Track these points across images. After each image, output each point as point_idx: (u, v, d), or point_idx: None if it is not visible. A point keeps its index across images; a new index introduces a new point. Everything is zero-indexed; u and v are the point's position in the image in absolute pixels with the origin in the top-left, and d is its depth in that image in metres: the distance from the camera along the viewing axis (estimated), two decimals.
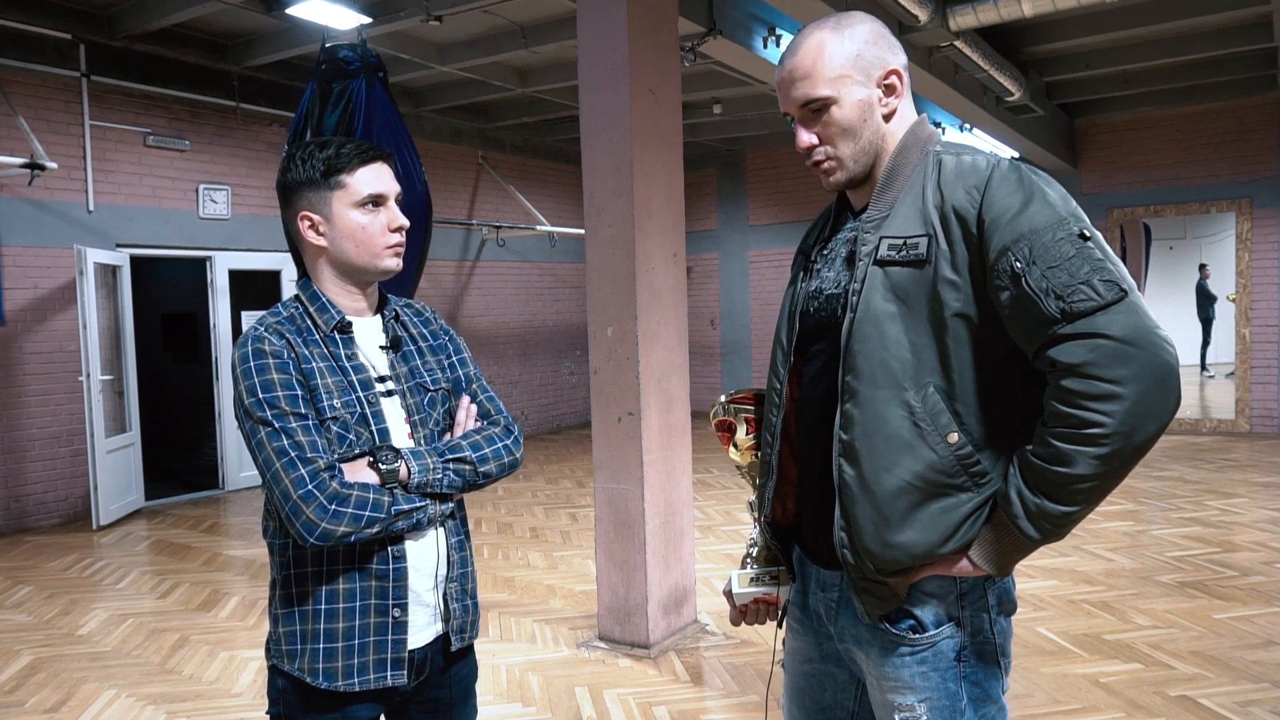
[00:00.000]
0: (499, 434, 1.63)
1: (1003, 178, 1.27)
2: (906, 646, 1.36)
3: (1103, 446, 1.17)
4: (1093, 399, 1.17)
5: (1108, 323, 1.17)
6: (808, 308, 1.47)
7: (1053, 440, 1.21)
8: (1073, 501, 1.22)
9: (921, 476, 1.29)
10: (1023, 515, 1.25)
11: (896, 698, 1.38)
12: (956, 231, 1.28)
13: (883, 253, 1.33)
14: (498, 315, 10.24)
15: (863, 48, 1.37)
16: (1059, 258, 1.20)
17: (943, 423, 1.28)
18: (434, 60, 7.24)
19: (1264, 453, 8.26)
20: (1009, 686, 1.45)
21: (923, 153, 1.39)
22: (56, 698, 3.54)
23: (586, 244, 3.94)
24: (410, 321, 1.69)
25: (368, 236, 1.55)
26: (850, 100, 1.36)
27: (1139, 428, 1.17)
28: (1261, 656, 3.62)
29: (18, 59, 6.32)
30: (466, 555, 1.65)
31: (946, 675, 1.36)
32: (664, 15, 3.97)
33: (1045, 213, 1.24)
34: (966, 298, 1.28)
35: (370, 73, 4.33)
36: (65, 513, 6.69)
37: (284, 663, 1.54)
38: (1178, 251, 14.22)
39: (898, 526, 1.29)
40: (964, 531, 1.30)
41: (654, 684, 3.53)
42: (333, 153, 1.54)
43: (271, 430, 1.44)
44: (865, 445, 1.31)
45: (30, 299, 6.51)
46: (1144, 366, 1.16)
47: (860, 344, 1.32)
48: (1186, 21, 6.67)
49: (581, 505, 6.87)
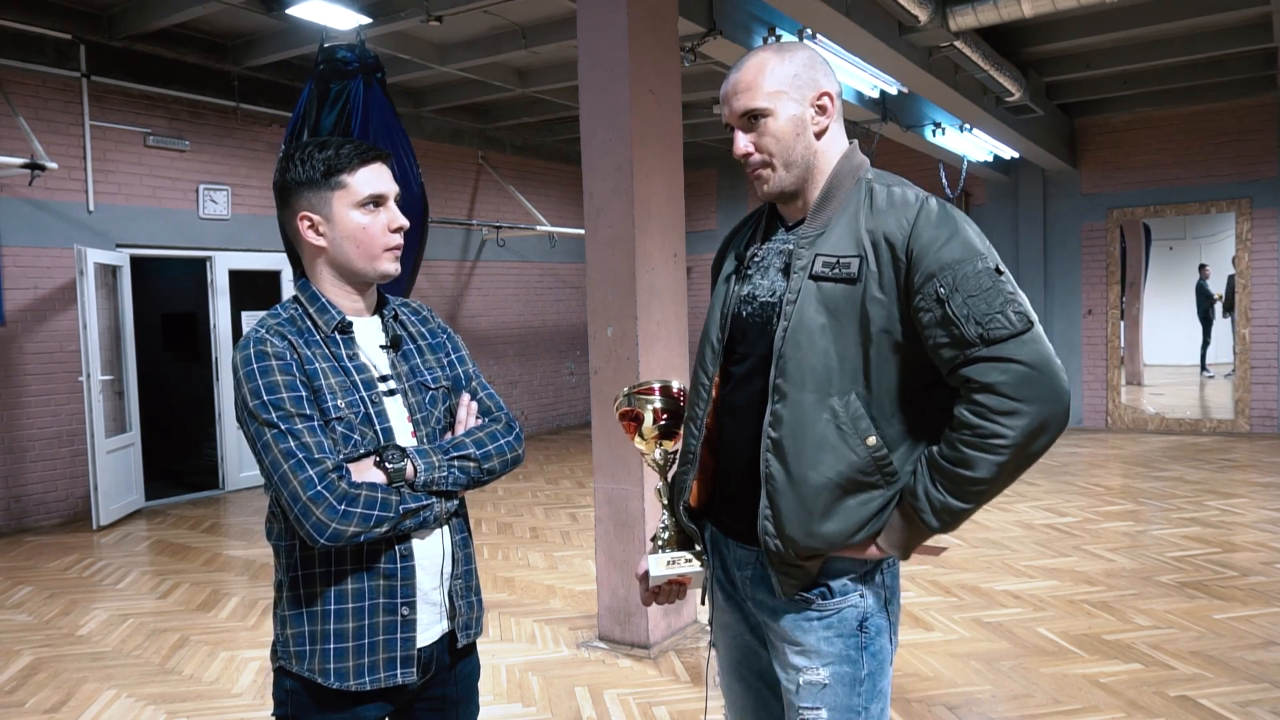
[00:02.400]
0: (501, 430, 1.64)
1: (929, 212, 1.42)
2: (814, 610, 1.51)
3: (1001, 455, 1.35)
4: (999, 414, 1.34)
5: (1019, 349, 1.35)
6: (740, 310, 1.59)
7: (961, 446, 1.37)
8: (970, 499, 1.40)
9: (843, 475, 1.43)
10: (928, 509, 1.41)
11: (804, 662, 1.51)
12: (886, 255, 1.42)
13: (817, 268, 1.46)
14: (498, 315, 10.24)
15: (800, 70, 1.51)
16: (978, 288, 1.37)
17: (862, 427, 1.43)
18: (434, 60, 7.24)
19: (1264, 453, 8.26)
20: (898, 643, 1.62)
21: (855, 179, 1.52)
22: (56, 698, 3.54)
23: (586, 244, 3.94)
24: (409, 320, 1.69)
25: (368, 237, 1.55)
26: (785, 114, 1.50)
27: (1033, 440, 1.35)
28: (1261, 656, 3.62)
29: (18, 59, 6.32)
30: (470, 552, 1.66)
31: (849, 643, 1.50)
32: (664, 15, 3.97)
33: (966, 247, 1.40)
34: (890, 316, 1.42)
35: (368, 73, 4.33)
36: (65, 513, 6.69)
37: (292, 664, 1.54)
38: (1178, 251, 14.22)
39: (820, 518, 1.44)
40: (874, 523, 1.46)
41: (654, 684, 3.53)
42: (333, 153, 1.54)
43: (278, 432, 1.43)
44: (793, 444, 1.44)
45: (30, 299, 6.51)
46: (1046, 389, 1.34)
47: (792, 350, 1.45)
48: (1186, 21, 6.67)
49: (581, 505, 6.87)
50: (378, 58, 4.46)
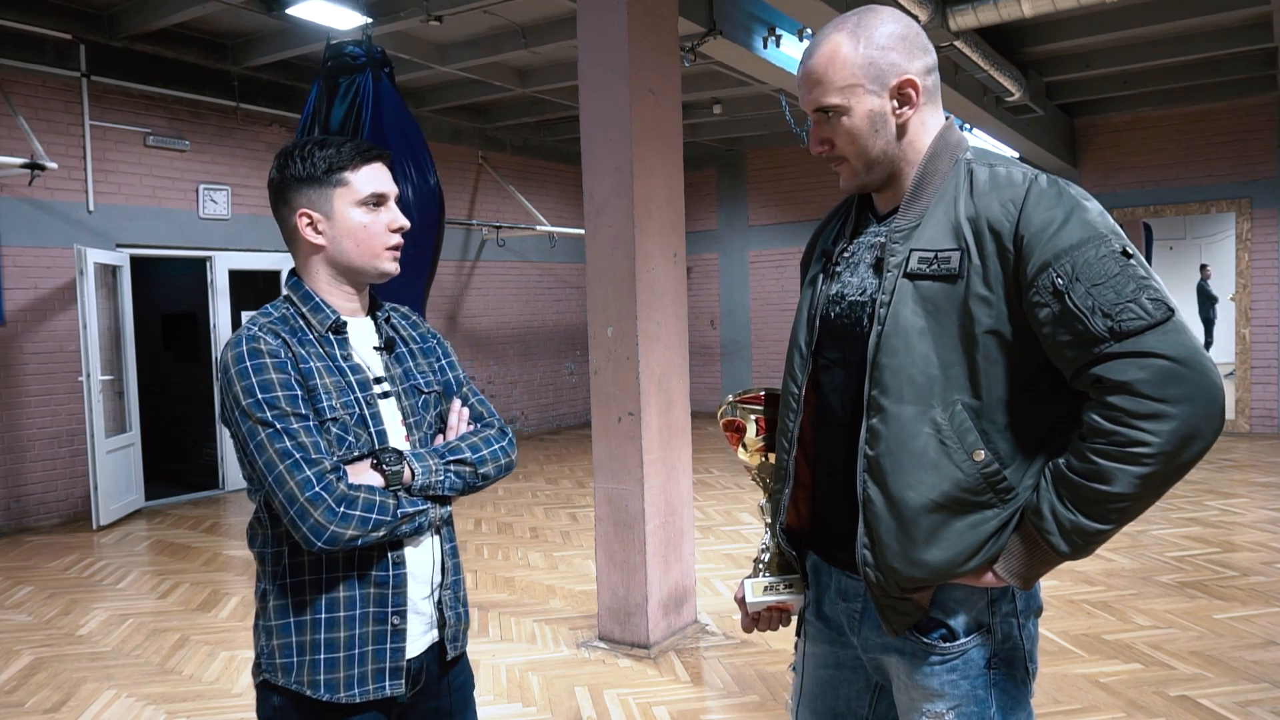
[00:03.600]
0: (494, 436, 1.63)
1: (1041, 192, 1.25)
2: (937, 655, 1.34)
3: (1146, 466, 1.16)
4: (1141, 418, 1.15)
5: (1159, 342, 1.15)
6: (829, 312, 1.43)
7: (1094, 457, 1.18)
8: (1108, 519, 1.20)
9: (947, 495, 1.27)
10: (1055, 531, 1.23)
11: (926, 705, 1.36)
12: (990, 246, 1.25)
13: (912, 265, 1.30)
14: (498, 315, 10.24)
15: (877, 54, 1.32)
16: (1103, 275, 1.18)
17: (969, 441, 1.26)
18: (434, 60, 7.24)
19: (1264, 453, 8.26)
20: (1035, 691, 1.43)
21: (952, 160, 1.35)
22: (56, 698, 3.54)
23: (586, 244, 3.94)
24: (400, 324, 1.68)
25: (369, 235, 1.53)
26: (861, 110, 1.33)
27: (1184, 448, 1.16)
28: (1261, 656, 3.62)
29: (18, 59, 6.32)
30: (458, 562, 1.64)
31: (976, 683, 1.34)
32: (664, 15, 3.97)
33: (1086, 229, 1.21)
34: (999, 314, 1.25)
35: (376, 67, 4.31)
36: (65, 513, 6.69)
37: (277, 677, 1.49)
38: (1178, 251, 14.23)
39: (923, 545, 1.28)
40: (989, 547, 1.28)
41: (654, 684, 3.53)
42: (334, 151, 1.52)
43: (273, 431, 1.39)
44: (891, 462, 1.28)
45: (30, 299, 6.51)
46: (1195, 388, 1.15)
47: (888, 358, 1.29)
48: (1186, 21, 6.67)
49: (581, 505, 6.87)
50: (384, 53, 4.45)
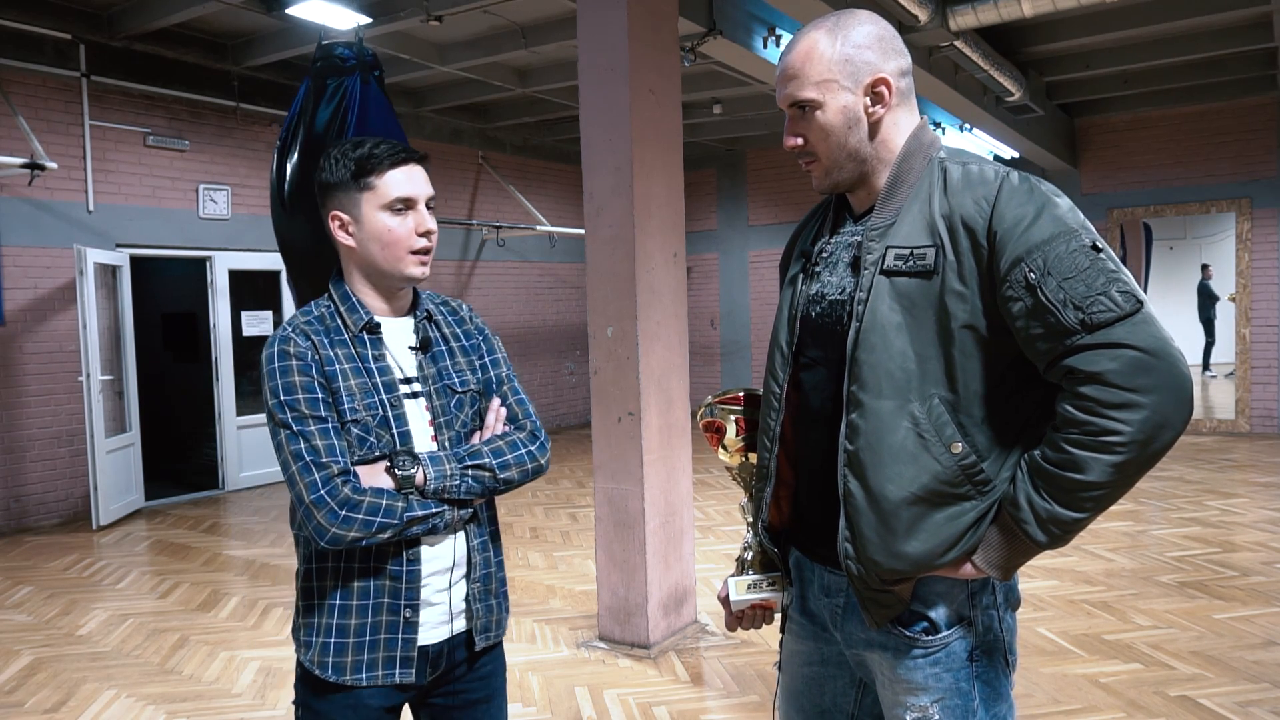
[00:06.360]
0: (524, 439, 1.64)
1: (1013, 189, 1.28)
2: (919, 649, 1.36)
3: (1119, 454, 1.19)
4: (1113, 407, 1.18)
5: (1128, 333, 1.18)
6: (809, 311, 1.45)
7: (1068, 446, 1.21)
8: (1083, 508, 1.23)
9: (926, 487, 1.29)
10: (1032, 521, 1.25)
11: (910, 698, 1.38)
12: (965, 242, 1.28)
13: (889, 262, 1.32)
14: (498, 315, 10.24)
15: (853, 52, 1.35)
16: (1074, 269, 1.21)
17: (947, 434, 1.29)
18: (434, 60, 7.24)
19: (1264, 453, 8.26)
20: (1014, 683, 1.46)
21: (926, 159, 1.37)
22: (56, 698, 3.54)
23: (586, 244, 3.94)
24: (444, 321, 1.68)
25: (394, 239, 1.54)
26: (835, 105, 1.36)
27: (1155, 437, 1.18)
28: (1261, 656, 3.62)
29: (18, 59, 6.32)
30: (490, 556, 1.66)
31: (959, 675, 1.36)
32: (664, 15, 3.97)
33: (1057, 224, 1.24)
34: (974, 309, 1.28)
35: (366, 70, 4.31)
36: (65, 513, 6.69)
37: (301, 651, 1.58)
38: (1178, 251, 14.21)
39: (903, 537, 1.30)
40: (967, 539, 1.31)
41: (654, 684, 3.53)
42: (365, 153, 1.53)
43: (290, 433, 1.46)
44: (870, 456, 1.30)
45: (30, 299, 6.51)
46: (1164, 377, 1.18)
47: (866, 354, 1.31)
48: (1186, 21, 6.66)
49: (581, 505, 6.87)
50: (376, 56, 4.45)
